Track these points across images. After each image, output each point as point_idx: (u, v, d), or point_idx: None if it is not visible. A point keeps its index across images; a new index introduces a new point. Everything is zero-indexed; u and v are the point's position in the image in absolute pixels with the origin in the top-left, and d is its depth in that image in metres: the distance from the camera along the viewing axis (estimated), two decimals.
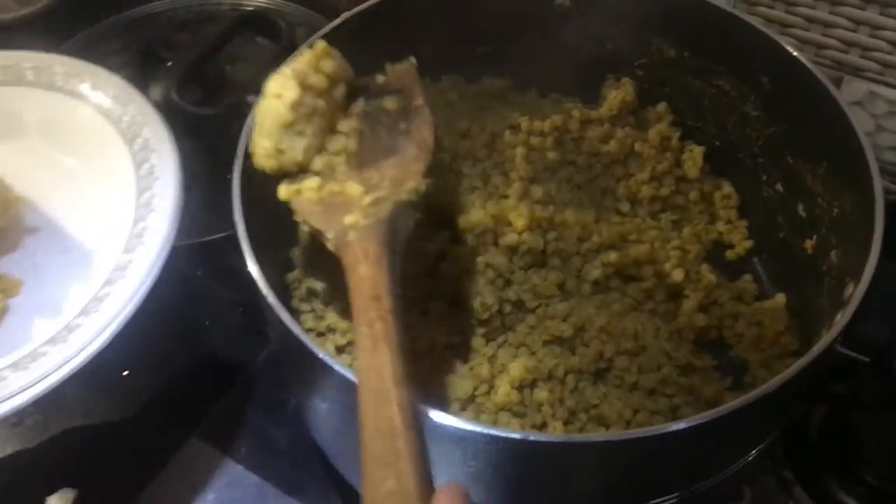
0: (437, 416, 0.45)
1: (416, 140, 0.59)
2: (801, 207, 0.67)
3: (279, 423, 0.74)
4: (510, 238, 0.68)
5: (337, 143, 0.57)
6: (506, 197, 0.72)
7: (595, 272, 0.68)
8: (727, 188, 0.76)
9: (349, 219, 0.53)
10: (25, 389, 0.58)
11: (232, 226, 0.56)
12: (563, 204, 0.72)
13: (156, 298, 0.63)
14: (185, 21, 0.95)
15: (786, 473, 0.69)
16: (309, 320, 0.67)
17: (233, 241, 0.56)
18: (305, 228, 0.55)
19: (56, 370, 0.58)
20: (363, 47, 0.72)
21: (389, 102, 0.59)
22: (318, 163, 0.56)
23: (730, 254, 0.75)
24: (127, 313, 0.61)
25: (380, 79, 0.60)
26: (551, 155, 0.74)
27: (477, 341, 0.66)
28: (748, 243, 0.74)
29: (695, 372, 0.65)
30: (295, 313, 0.67)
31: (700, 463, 0.54)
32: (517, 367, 0.62)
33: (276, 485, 0.70)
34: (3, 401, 0.57)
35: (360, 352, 0.46)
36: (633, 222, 0.73)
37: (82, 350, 0.59)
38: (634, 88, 0.76)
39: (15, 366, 0.59)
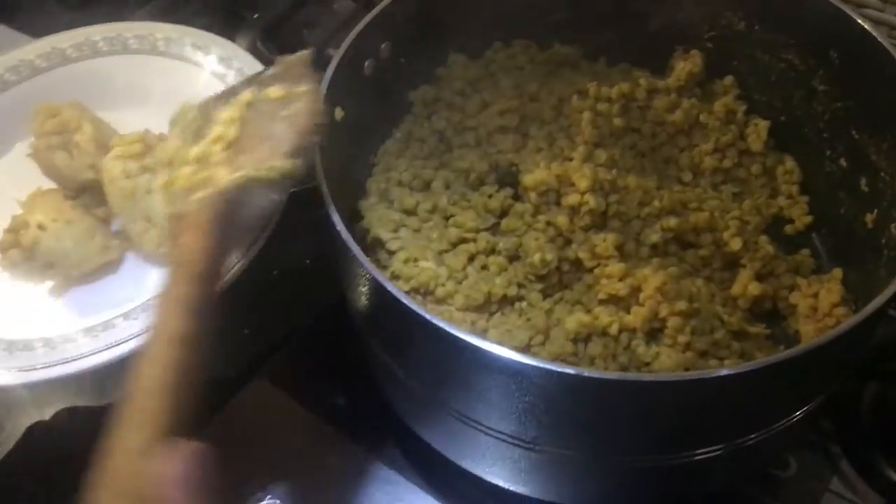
0: (496, 349, 0.47)
1: (293, 124, 0.59)
2: (863, 182, 0.68)
3: (341, 370, 0.76)
4: (572, 198, 0.70)
5: (214, 131, 0.58)
6: (570, 159, 0.73)
7: (654, 236, 0.69)
8: (790, 163, 0.76)
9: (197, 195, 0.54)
10: (132, 338, 0.62)
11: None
12: (626, 170, 0.74)
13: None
14: None
15: (833, 448, 0.70)
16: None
17: (301, 194, 0.58)
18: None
19: None
20: (438, 8, 0.75)
21: (274, 91, 0.60)
22: (194, 151, 0.57)
23: (789, 228, 0.75)
24: (235, 270, 0.65)
25: (270, 71, 0.62)
26: (617, 121, 0.76)
27: (534, 296, 0.68)
28: (808, 218, 0.75)
29: (748, 338, 0.66)
30: None
31: (744, 415, 0.55)
32: (573, 321, 0.64)
33: (336, 428, 0.73)
34: (107, 349, 0.62)
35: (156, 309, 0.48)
36: (693, 192, 0.74)
37: None
38: (703, 61, 0.77)
39: (126, 316, 0.64)
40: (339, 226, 0.55)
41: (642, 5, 0.78)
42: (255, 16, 0.81)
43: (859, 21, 0.64)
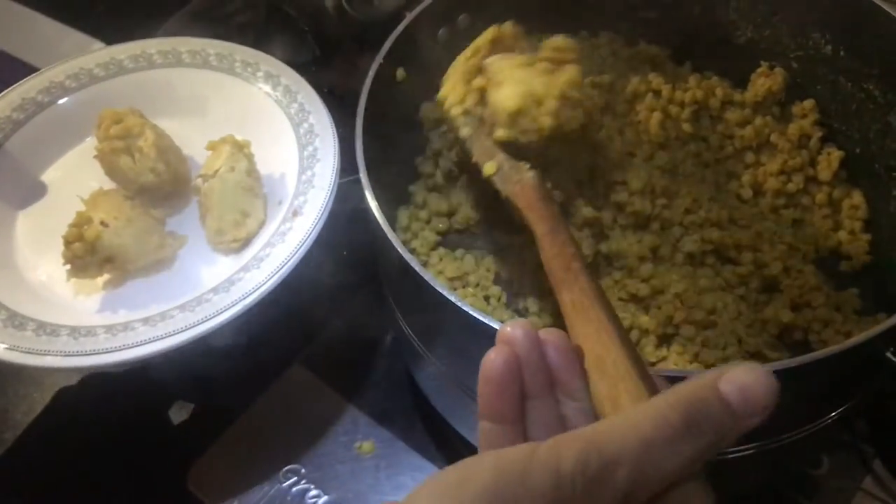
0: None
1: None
2: None
3: (374, 357, 0.80)
4: (620, 196, 0.70)
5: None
6: (633, 155, 0.74)
7: (691, 245, 0.69)
8: (858, 198, 0.74)
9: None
10: (190, 328, 0.67)
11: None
12: (685, 175, 0.73)
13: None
14: None
15: (866, 448, 0.70)
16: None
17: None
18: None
19: (216, 315, 0.67)
20: None
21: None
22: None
23: (845, 265, 0.72)
24: (273, 282, 0.69)
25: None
26: (686, 126, 0.75)
27: None
28: (866, 258, 0.72)
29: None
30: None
31: (775, 416, 0.54)
32: None
33: (368, 413, 0.76)
34: (168, 336, 0.67)
35: None
36: (748, 209, 0.73)
37: (239, 301, 0.68)
38: (784, 80, 0.75)
39: (182, 307, 0.69)
40: (377, 213, 0.58)
41: (731, 15, 0.77)
42: None
43: None
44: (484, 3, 0.74)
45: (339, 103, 0.81)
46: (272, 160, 0.80)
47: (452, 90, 0.64)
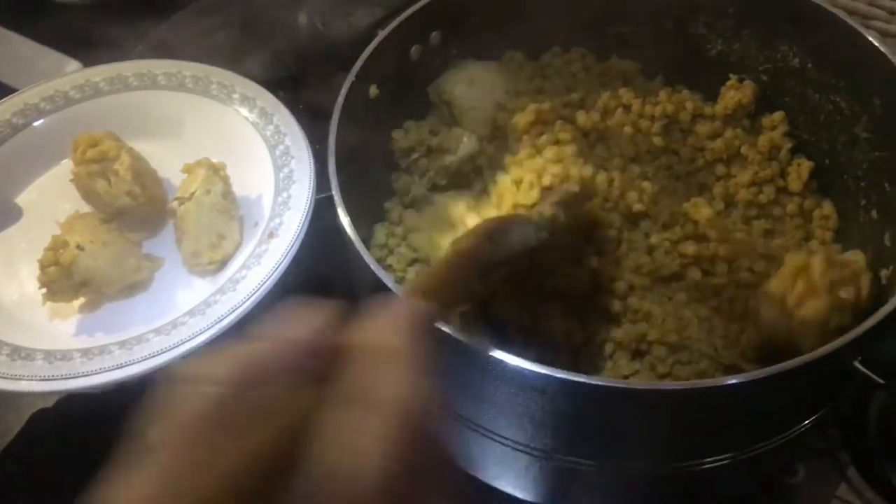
0: (503, 357, 0.49)
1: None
2: (887, 236, 0.66)
3: None
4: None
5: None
6: (605, 170, 0.74)
7: (673, 264, 0.69)
8: (828, 208, 0.74)
9: None
10: (166, 352, 0.67)
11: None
12: (658, 188, 0.74)
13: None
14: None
15: (841, 455, 0.70)
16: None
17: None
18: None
19: (192, 338, 0.68)
20: (499, 6, 0.77)
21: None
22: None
23: None
24: (249, 304, 0.70)
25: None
26: (657, 140, 0.76)
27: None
28: None
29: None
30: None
31: (753, 425, 0.56)
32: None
33: None
34: (144, 360, 0.67)
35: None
36: (721, 221, 0.74)
37: (215, 324, 0.68)
38: (754, 92, 0.76)
39: (157, 331, 0.70)
40: (350, 230, 0.58)
41: (701, 29, 0.77)
42: None
43: None
44: (456, 21, 0.75)
45: (314, 120, 0.82)
46: (248, 182, 0.80)
47: None
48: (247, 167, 0.81)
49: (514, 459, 0.61)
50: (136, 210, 0.77)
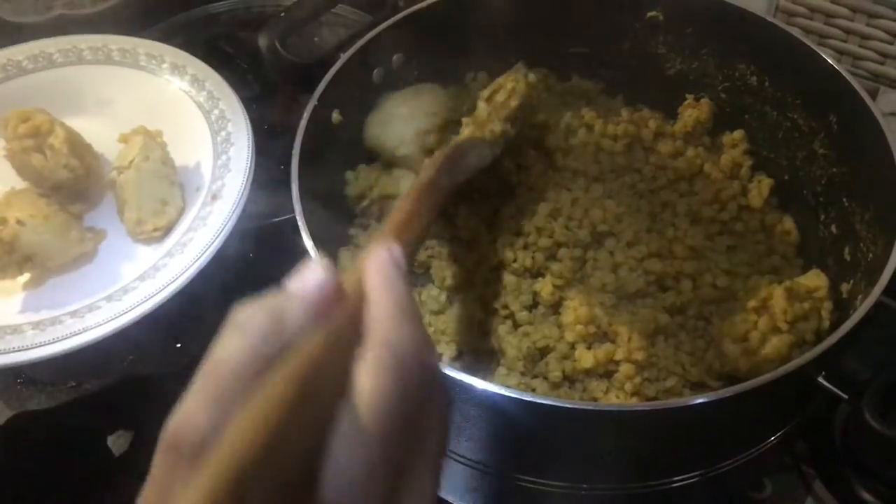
0: (470, 380, 0.50)
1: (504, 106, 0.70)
2: (847, 251, 0.67)
3: None
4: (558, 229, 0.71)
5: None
6: (569, 189, 0.75)
7: (637, 282, 0.70)
8: (789, 224, 0.75)
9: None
10: (117, 317, 0.66)
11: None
12: (622, 206, 0.74)
13: (214, 266, 0.70)
14: (247, 21, 1.00)
15: (807, 469, 0.70)
16: None
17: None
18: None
19: (144, 301, 0.67)
20: (459, 27, 0.77)
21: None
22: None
23: None
24: (198, 265, 0.69)
25: None
26: (619, 159, 0.76)
27: (501, 327, 0.69)
28: None
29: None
30: None
31: (720, 442, 0.57)
32: (528, 341, 0.65)
33: None
34: (97, 326, 0.65)
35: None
36: (684, 240, 0.74)
37: (166, 286, 0.67)
38: (712, 110, 0.78)
39: (109, 297, 0.68)
40: (313, 254, 0.58)
41: (660, 49, 0.79)
42: (282, 14, 0.84)
43: (856, 88, 0.64)
44: (419, 43, 0.75)
45: (278, 142, 0.81)
46: (186, 149, 0.79)
47: None
48: (183, 134, 0.80)
49: (481, 482, 0.60)
50: (74, 183, 0.76)
